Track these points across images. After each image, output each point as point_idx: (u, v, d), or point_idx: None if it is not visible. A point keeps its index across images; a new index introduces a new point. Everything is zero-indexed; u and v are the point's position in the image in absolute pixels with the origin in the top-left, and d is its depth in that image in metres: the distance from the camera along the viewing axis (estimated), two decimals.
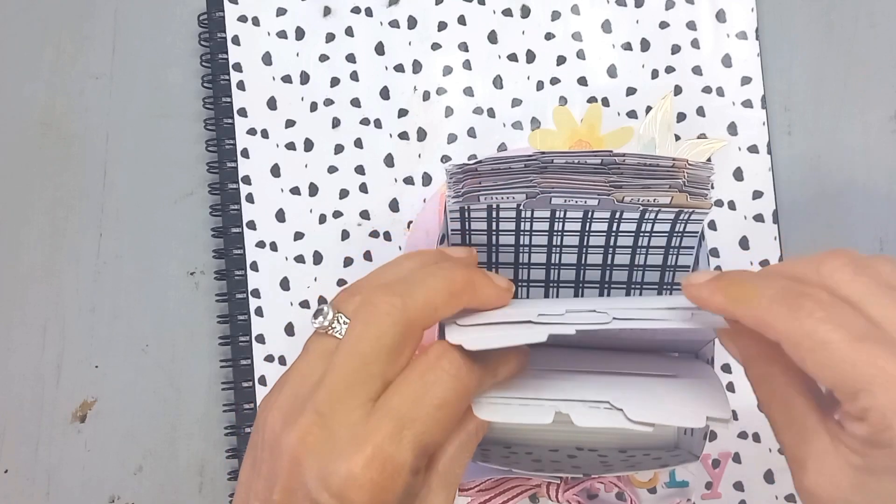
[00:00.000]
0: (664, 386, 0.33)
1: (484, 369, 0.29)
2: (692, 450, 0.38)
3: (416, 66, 0.46)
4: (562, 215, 0.37)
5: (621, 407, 0.29)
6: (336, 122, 0.46)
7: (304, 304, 0.45)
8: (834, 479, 0.25)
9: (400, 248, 0.45)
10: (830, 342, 0.24)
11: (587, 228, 0.38)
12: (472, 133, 0.46)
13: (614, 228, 0.38)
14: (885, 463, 0.24)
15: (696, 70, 0.45)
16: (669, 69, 0.45)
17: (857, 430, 0.24)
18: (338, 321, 0.28)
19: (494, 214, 0.37)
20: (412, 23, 0.46)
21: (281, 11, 0.46)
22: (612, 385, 0.32)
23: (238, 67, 0.46)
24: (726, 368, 0.43)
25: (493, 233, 0.38)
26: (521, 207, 0.36)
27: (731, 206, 0.44)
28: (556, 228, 0.38)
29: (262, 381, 0.45)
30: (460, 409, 0.28)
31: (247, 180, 0.46)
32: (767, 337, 0.25)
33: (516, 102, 0.46)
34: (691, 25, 0.46)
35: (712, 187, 0.34)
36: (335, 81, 0.46)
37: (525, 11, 0.46)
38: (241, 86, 0.46)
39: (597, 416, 0.29)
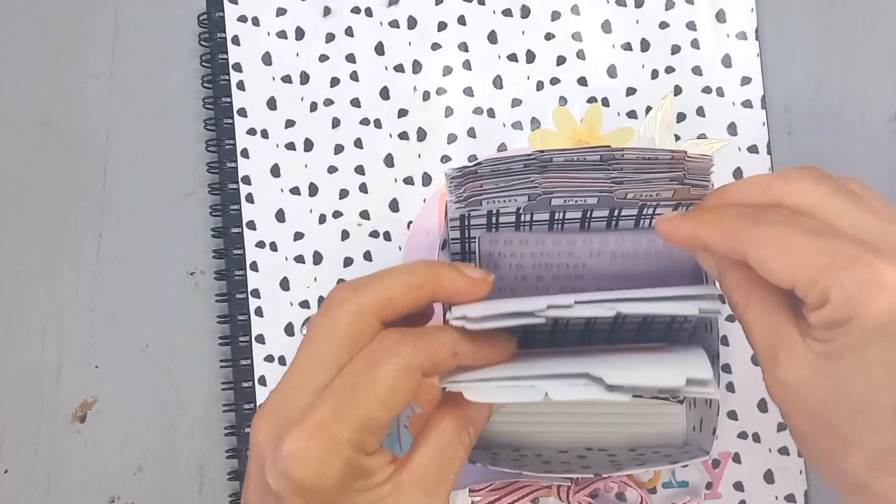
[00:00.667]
0: (645, 356, 0.33)
1: (432, 347, 0.29)
2: (702, 445, 0.38)
3: (416, 66, 0.46)
4: (561, 216, 0.37)
5: (599, 375, 0.29)
6: (336, 123, 0.46)
7: (304, 305, 0.45)
8: (801, 366, 0.27)
9: (400, 248, 0.45)
10: (789, 236, 0.26)
11: (586, 228, 0.38)
12: (472, 133, 0.46)
13: (613, 227, 0.38)
14: (844, 341, 0.25)
15: (696, 70, 0.45)
16: (669, 69, 0.45)
17: (819, 316, 0.26)
18: None
19: (494, 220, 0.37)
20: (412, 23, 0.46)
21: (281, 11, 0.46)
22: (593, 360, 0.32)
23: (238, 67, 0.46)
24: (726, 368, 0.43)
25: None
26: (521, 211, 0.36)
27: None
28: (555, 230, 0.38)
29: (262, 381, 0.45)
30: (405, 387, 0.28)
31: (247, 180, 0.46)
32: (734, 256, 0.28)
33: (516, 102, 0.46)
34: (691, 25, 0.45)
35: (712, 186, 0.34)
36: (335, 81, 0.46)
37: (525, 11, 0.46)
38: (240, 86, 0.46)
39: (575, 390, 0.29)
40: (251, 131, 0.46)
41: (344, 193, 0.46)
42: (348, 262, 0.45)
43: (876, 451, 0.26)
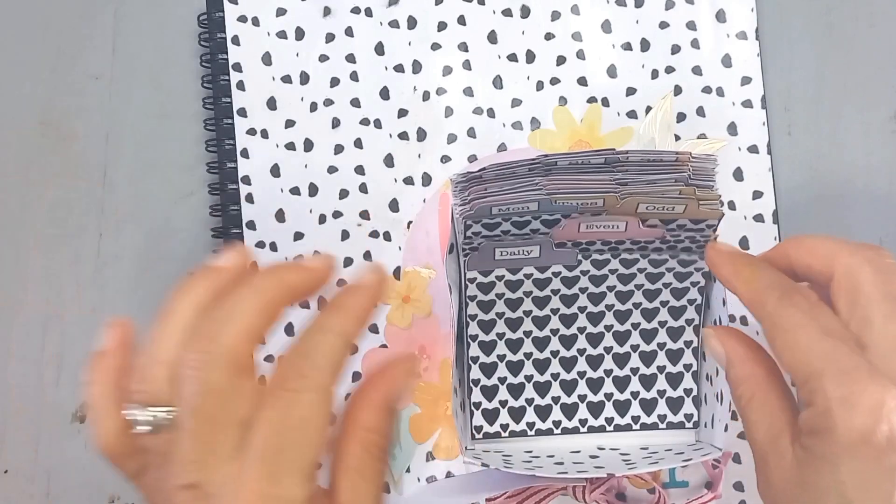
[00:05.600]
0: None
1: (333, 362, 0.27)
2: (713, 442, 0.38)
3: (416, 67, 0.46)
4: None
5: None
6: (336, 123, 0.46)
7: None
8: (785, 471, 0.27)
9: (400, 248, 0.45)
10: (801, 328, 0.27)
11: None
12: (471, 133, 0.46)
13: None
14: (821, 451, 0.26)
15: (696, 70, 0.45)
16: (669, 69, 0.45)
17: (804, 418, 0.27)
18: (155, 416, 0.27)
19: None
20: (412, 23, 0.46)
21: (281, 12, 0.46)
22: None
23: (238, 68, 0.46)
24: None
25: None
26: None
27: (731, 206, 0.44)
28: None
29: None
30: (325, 414, 0.26)
31: (246, 180, 0.46)
32: (754, 314, 0.29)
33: (516, 102, 0.46)
34: (691, 25, 0.45)
35: (717, 186, 0.34)
36: (335, 81, 0.46)
37: (525, 11, 0.46)
38: (240, 86, 0.46)
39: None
40: (251, 131, 0.46)
41: (344, 193, 0.46)
42: (348, 262, 0.45)
43: None
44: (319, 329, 0.28)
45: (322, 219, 0.45)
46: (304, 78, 0.46)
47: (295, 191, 0.46)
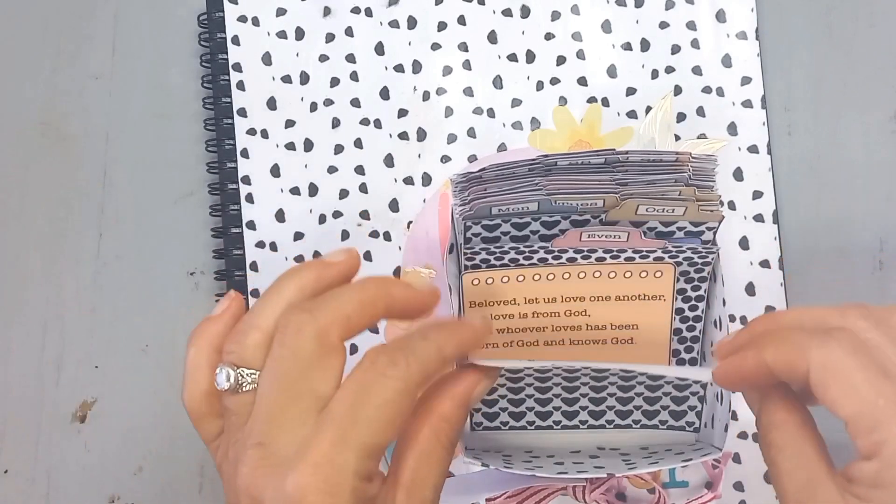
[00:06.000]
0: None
1: (422, 362, 0.28)
2: (714, 442, 0.38)
3: (416, 67, 0.46)
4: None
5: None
6: (336, 123, 0.46)
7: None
8: None
9: (400, 248, 0.45)
10: (858, 370, 0.24)
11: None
12: (471, 133, 0.46)
13: None
14: (881, 502, 0.24)
15: (696, 70, 0.45)
16: (669, 69, 0.45)
17: (865, 468, 0.25)
18: (241, 376, 0.28)
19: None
20: (412, 23, 0.46)
21: (281, 11, 0.46)
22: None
23: (238, 67, 0.46)
24: None
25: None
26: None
27: (731, 206, 0.44)
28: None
29: None
30: (404, 407, 0.27)
31: (246, 180, 0.46)
32: (797, 370, 0.26)
33: (516, 102, 0.46)
34: (691, 25, 0.45)
35: (717, 186, 0.34)
36: (335, 81, 0.46)
37: (525, 11, 0.46)
38: (240, 86, 0.46)
39: None
40: (251, 131, 0.46)
41: (344, 193, 0.46)
42: None
43: None
44: (423, 336, 0.29)
45: (322, 219, 0.45)
46: (304, 78, 0.46)
47: (295, 191, 0.46)
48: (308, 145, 0.46)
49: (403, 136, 0.46)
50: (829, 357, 0.25)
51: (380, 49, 0.46)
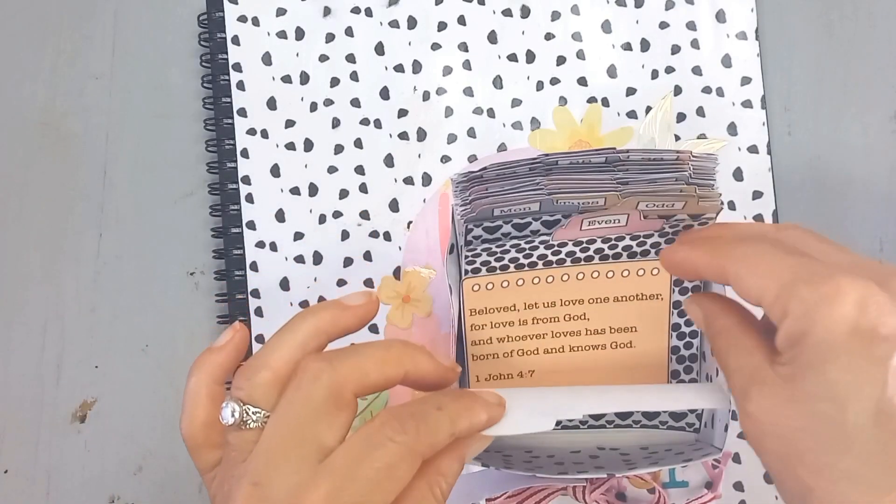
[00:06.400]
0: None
1: (432, 433, 0.28)
2: (714, 442, 0.38)
3: (416, 66, 0.46)
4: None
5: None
6: (336, 123, 0.46)
7: (304, 305, 0.45)
8: (769, 398, 0.27)
9: (400, 248, 0.45)
10: (763, 255, 0.27)
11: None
12: (471, 133, 0.46)
13: None
14: (805, 359, 0.26)
15: (696, 70, 0.45)
16: (669, 69, 0.45)
17: (780, 334, 0.26)
18: (247, 413, 0.28)
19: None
20: (412, 23, 0.46)
21: (281, 11, 0.46)
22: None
23: (238, 67, 0.46)
24: None
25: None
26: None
27: (731, 206, 0.45)
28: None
29: None
30: (405, 474, 0.27)
31: (246, 180, 0.46)
32: (718, 278, 0.29)
33: (516, 102, 0.46)
34: (691, 25, 0.46)
35: (717, 185, 0.34)
36: (335, 81, 0.46)
37: (525, 11, 0.46)
38: (240, 86, 0.46)
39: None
40: (251, 131, 0.46)
41: (344, 193, 0.46)
42: (348, 262, 0.45)
43: (847, 479, 0.25)
44: (436, 406, 0.29)
45: (322, 219, 0.45)
46: (304, 78, 0.46)
47: (295, 191, 0.46)
48: (308, 145, 0.46)
49: (403, 136, 0.46)
50: (742, 254, 0.28)
51: (380, 49, 0.46)
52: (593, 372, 0.39)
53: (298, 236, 0.45)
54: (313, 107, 0.46)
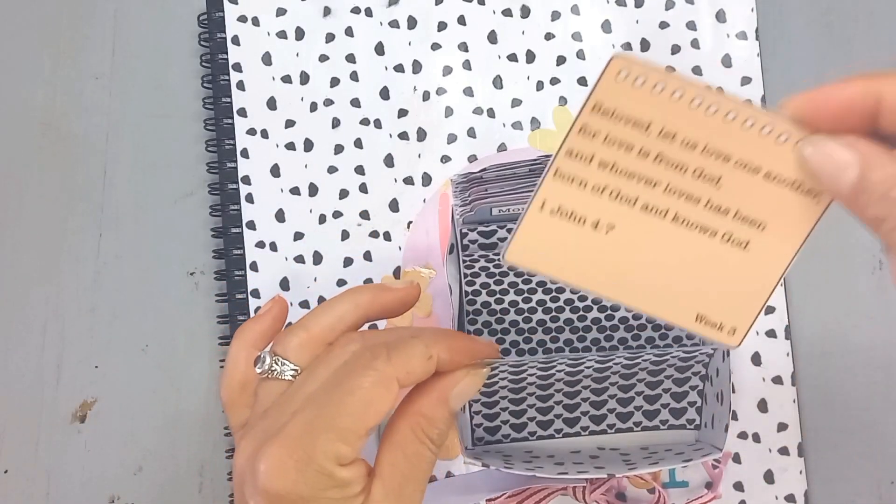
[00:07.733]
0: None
1: (405, 358, 0.29)
2: (714, 443, 0.38)
3: (416, 67, 0.46)
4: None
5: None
6: (336, 123, 0.46)
7: (304, 305, 0.45)
8: None
9: (400, 248, 0.45)
10: None
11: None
12: (471, 133, 0.46)
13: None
14: None
15: (696, 70, 0.45)
16: (670, 69, 0.45)
17: None
18: (276, 363, 0.31)
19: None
20: (412, 23, 0.46)
21: (281, 11, 0.46)
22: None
23: (238, 67, 0.46)
24: None
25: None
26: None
27: None
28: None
29: None
30: (380, 399, 0.28)
31: (246, 180, 0.46)
32: (880, 92, 0.26)
33: (516, 102, 0.46)
34: (691, 25, 0.45)
35: None
36: (335, 81, 0.46)
37: (525, 11, 0.46)
38: (240, 86, 0.46)
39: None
40: (251, 131, 0.46)
41: (344, 193, 0.46)
42: (348, 262, 0.45)
43: None
44: (413, 335, 0.30)
45: (322, 219, 0.45)
46: (304, 78, 0.46)
47: (295, 191, 0.46)
48: (308, 145, 0.46)
49: (403, 136, 0.46)
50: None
51: (380, 49, 0.46)
52: (672, 271, 0.28)
53: (298, 236, 0.45)
54: (313, 107, 0.46)
